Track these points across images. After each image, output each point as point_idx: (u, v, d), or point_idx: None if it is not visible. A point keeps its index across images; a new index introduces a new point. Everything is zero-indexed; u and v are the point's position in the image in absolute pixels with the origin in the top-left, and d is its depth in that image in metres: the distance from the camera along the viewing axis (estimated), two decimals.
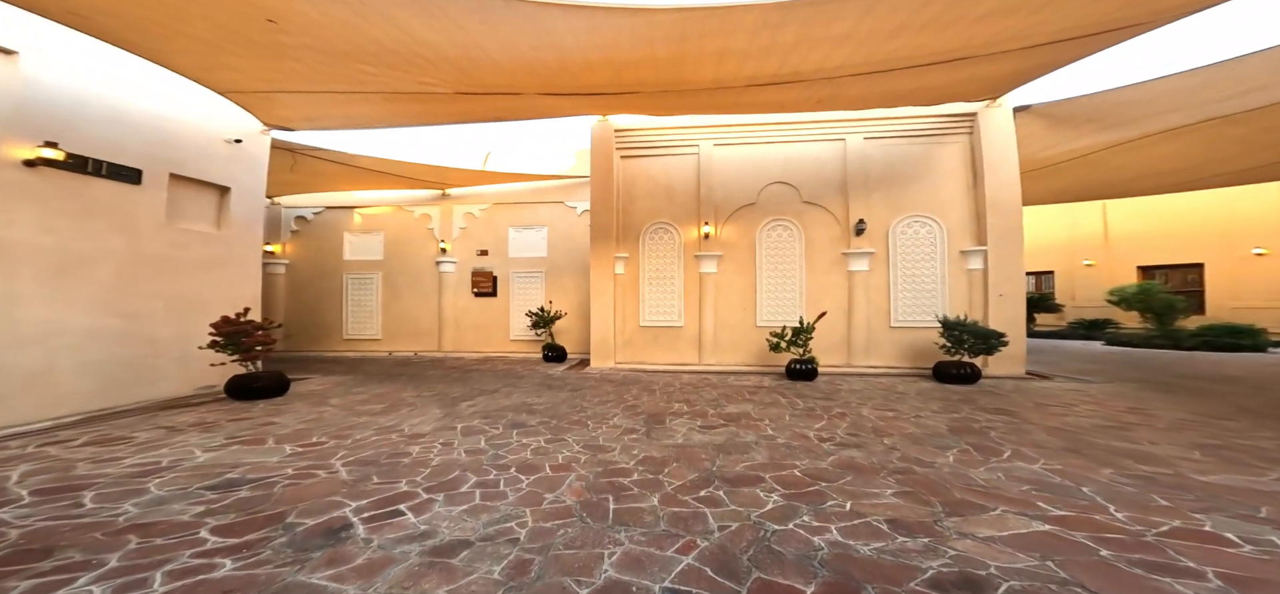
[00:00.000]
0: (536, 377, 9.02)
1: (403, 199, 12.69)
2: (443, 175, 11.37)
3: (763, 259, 9.87)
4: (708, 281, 10.05)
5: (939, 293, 8.93)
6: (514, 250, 12.66)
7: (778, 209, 9.88)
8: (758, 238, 9.92)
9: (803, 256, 9.66)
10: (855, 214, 9.33)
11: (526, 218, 12.62)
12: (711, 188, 10.11)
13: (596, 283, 10.18)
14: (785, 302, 9.74)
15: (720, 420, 5.56)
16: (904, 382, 7.97)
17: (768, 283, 9.83)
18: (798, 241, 9.71)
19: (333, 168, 10.20)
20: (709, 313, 10.02)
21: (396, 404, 6.38)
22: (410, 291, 12.75)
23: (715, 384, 8.10)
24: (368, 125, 8.11)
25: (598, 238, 10.19)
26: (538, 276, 12.54)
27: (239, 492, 3.35)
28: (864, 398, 6.71)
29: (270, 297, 12.66)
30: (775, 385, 7.89)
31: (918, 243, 9.11)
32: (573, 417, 5.76)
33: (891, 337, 9.14)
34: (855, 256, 9.31)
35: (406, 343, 12.72)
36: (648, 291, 10.38)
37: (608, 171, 10.25)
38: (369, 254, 12.79)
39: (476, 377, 9.02)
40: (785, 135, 9.90)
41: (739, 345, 9.96)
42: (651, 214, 10.40)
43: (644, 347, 10.38)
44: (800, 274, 9.66)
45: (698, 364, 9.98)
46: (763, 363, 9.66)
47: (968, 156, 9.06)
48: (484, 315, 12.68)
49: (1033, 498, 3.22)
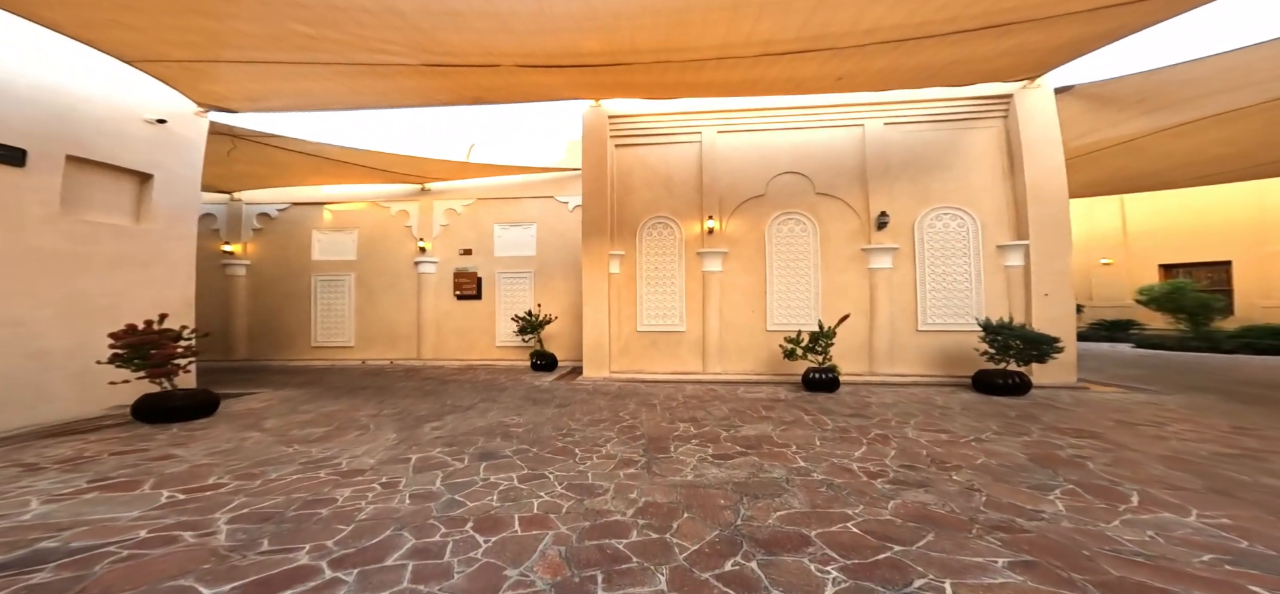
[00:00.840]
0: (521, 388, 7.99)
1: (378, 194, 11.65)
2: (421, 168, 10.36)
3: (773, 256, 8.90)
4: (712, 281, 9.07)
5: (973, 292, 7.97)
6: (500, 249, 11.64)
7: (789, 201, 8.92)
8: (767, 233, 8.95)
9: (818, 253, 8.70)
10: (876, 206, 8.38)
11: (514, 214, 11.61)
12: (715, 178, 9.14)
13: (589, 283, 9.18)
14: (799, 303, 8.76)
15: (736, 446, 4.55)
16: (940, 392, 6.99)
17: (779, 282, 8.86)
18: (812, 237, 8.75)
19: (298, 160, 9.17)
20: (714, 316, 9.03)
21: (345, 427, 5.33)
22: (386, 294, 11.69)
23: (723, 397, 7.09)
24: (324, 106, 7.08)
25: (590, 234, 9.20)
26: (526, 277, 11.52)
27: (35, 575, 2.30)
28: (902, 414, 5.72)
29: (229, 301, 11.58)
30: (793, 398, 6.89)
31: (948, 237, 8.16)
32: (557, 442, 4.73)
33: (919, 341, 8.18)
34: (877, 253, 8.35)
35: (382, 350, 11.65)
36: (646, 292, 9.38)
37: (601, 161, 9.27)
38: (340, 254, 11.72)
39: (453, 389, 7.97)
40: (796, 120, 8.96)
41: (747, 352, 8.97)
42: (649, 207, 9.42)
43: (642, 354, 9.37)
44: (815, 273, 8.69)
45: (702, 373, 8.97)
46: (775, 371, 8.67)
47: (1002, 142, 8.13)
48: (467, 320, 11.64)
49: (1237, 580, 2.22)
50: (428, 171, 10.79)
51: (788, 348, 7.59)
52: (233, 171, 9.45)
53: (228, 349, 11.49)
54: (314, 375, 9.57)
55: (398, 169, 10.29)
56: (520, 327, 10.28)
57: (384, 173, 10.55)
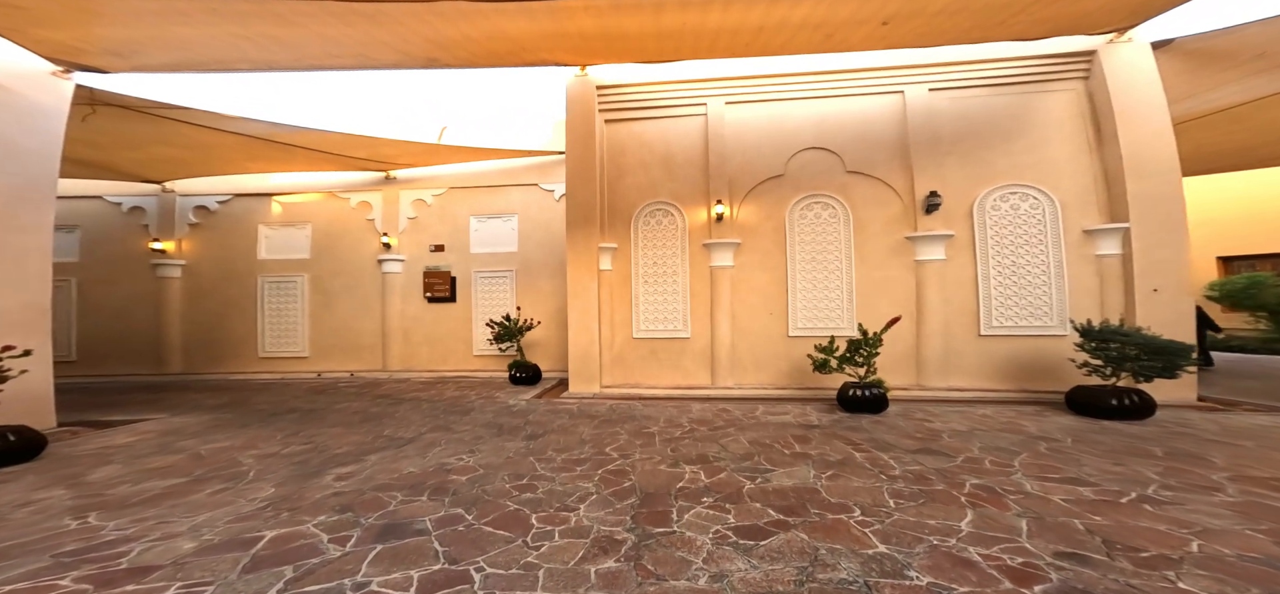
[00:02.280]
0: (490, 410, 6.47)
1: (335, 184, 10.19)
2: (382, 151, 8.90)
3: (795, 248, 7.39)
4: (721, 278, 7.56)
5: (1052, 288, 6.44)
6: (477, 244, 10.17)
7: (814, 182, 7.43)
8: (788, 220, 7.45)
9: (850, 243, 7.18)
10: (923, 187, 6.87)
11: (492, 204, 10.14)
12: (724, 157, 7.66)
13: (575, 281, 7.68)
14: (828, 303, 7.24)
15: (770, 509, 3.03)
16: (1023, 414, 5.45)
17: (804, 279, 7.34)
18: (843, 224, 7.24)
19: (224, 141, 7.70)
20: (724, 319, 7.52)
21: (206, 478, 3.81)
22: (346, 297, 10.20)
23: (740, 421, 5.57)
24: (219, 64, 5.60)
25: (576, 223, 7.71)
26: (506, 277, 10.04)
27: None
28: (992, 449, 4.18)
29: (162, 307, 10.10)
30: (829, 422, 5.36)
31: (1017, 222, 6.63)
32: (507, 504, 3.22)
33: (981, 348, 6.63)
34: (925, 242, 6.83)
35: (341, 361, 10.14)
36: (643, 292, 7.88)
37: (588, 138, 7.80)
38: (292, 251, 10.24)
39: (404, 411, 6.45)
40: (819, 88, 7.49)
41: (765, 362, 7.44)
42: (646, 192, 7.94)
43: (638, 364, 7.86)
44: (847, 267, 7.17)
45: (710, 388, 7.44)
46: (800, 385, 7.14)
47: (1084, 107, 6.62)
48: (440, 326, 10.14)
49: None
50: (391, 155, 9.34)
51: (818, 358, 6.07)
52: (150, 157, 8.00)
53: (160, 362, 10.00)
54: (245, 393, 8.06)
55: (353, 152, 8.84)
56: (496, 333, 8.78)
57: (340, 159, 9.10)
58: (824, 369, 6.05)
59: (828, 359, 6.02)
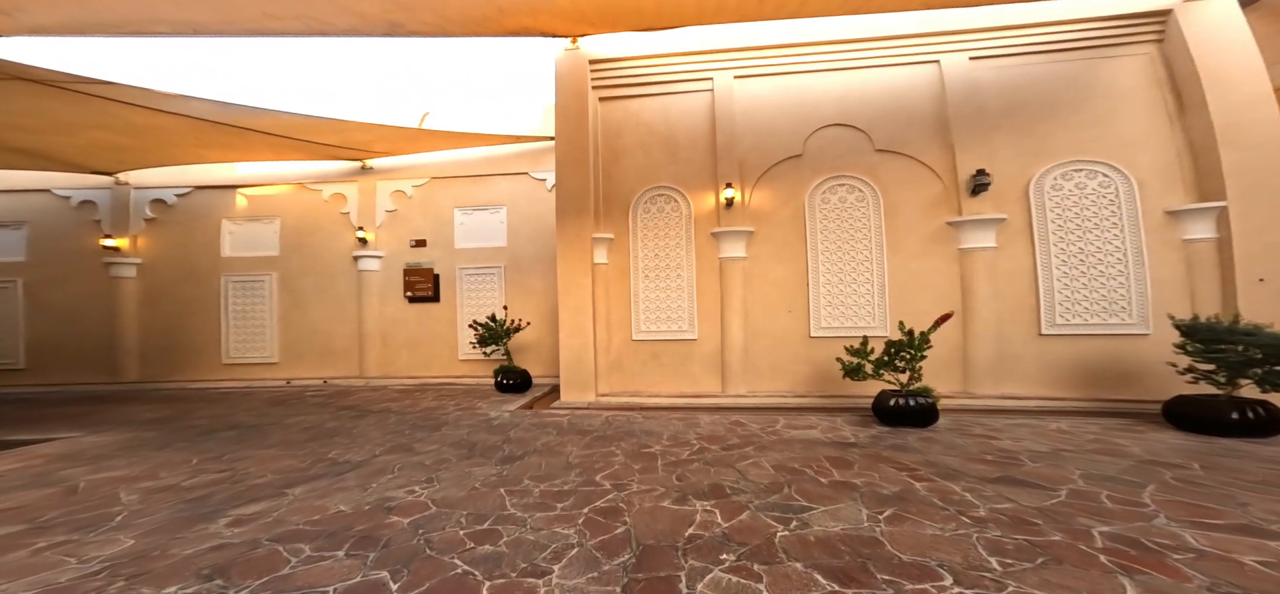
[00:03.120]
0: (466, 424, 5.56)
1: (306, 174, 9.33)
2: (356, 137, 8.03)
3: (817, 236, 6.49)
4: (732, 271, 6.66)
5: (1129, 279, 5.49)
6: (462, 239, 9.29)
7: (837, 162, 6.53)
8: (808, 205, 6.55)
9: (881, 231, 6.27)
10: (967, 165, 5.95)
11: (479, 195, 9.28)
12: (734, 136, 6.78)
13: (566, 277, 6.79)
14: (856, 299, 6.32)
15: (815, 570, 2.14)
16: (1109, 429, 4.50)
17: (827, 272, 6.42)
18: (872, 209, 6.33)
19: (168, 124, 6.83)
20: (735, 318, 6.60)
21: (55, 524, 2.91)
22: (318, 298, 9.31)
23: (759, 437, 4.65)
24: (126, 28, 4.69)
25: (567, 212, 6.84)
26: (494, 274, 9.15)
27: None
28: (1108, 481, 3.24)
29: (116, 309, 9.23)
30: (868, 440, 4.43)
31: (1084, 203, 5.69)
32: (455, 561, 2.31)
33: (1042, 350, 5.68)
34: (972, 227, 5.90)
35: (314, 367, 9.24)
36: (643, 288, 6.98)
37: (580, 117, 6.94)
38: (259, 248, 9.37)
39: (365, 427, 5.55)
40: (841, 58, 6.61)
41: (783, 367, 6.52)
42: (646, 176, 7.06)
43: (639, 370, 6.95)
44: (878, 257, 6.26)
45: (721, 396, 6.52)
46: (824, 393, 6.21)
47: (1160, 73, 5.69)
48: (422, 328, 9.25)
49: None
50: (366, 143, 8.48)
51: (850, 363, 5.14)
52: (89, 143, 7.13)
53: (115, 370, 9.12)
54: (193, 405, 7.16)
55: (323, 138, 7.97)
56: (479, 336, 7.86)
57: (309, 146, 8.23)
58: (856, 375, 5.11)
59: (861, 364, 5.09)
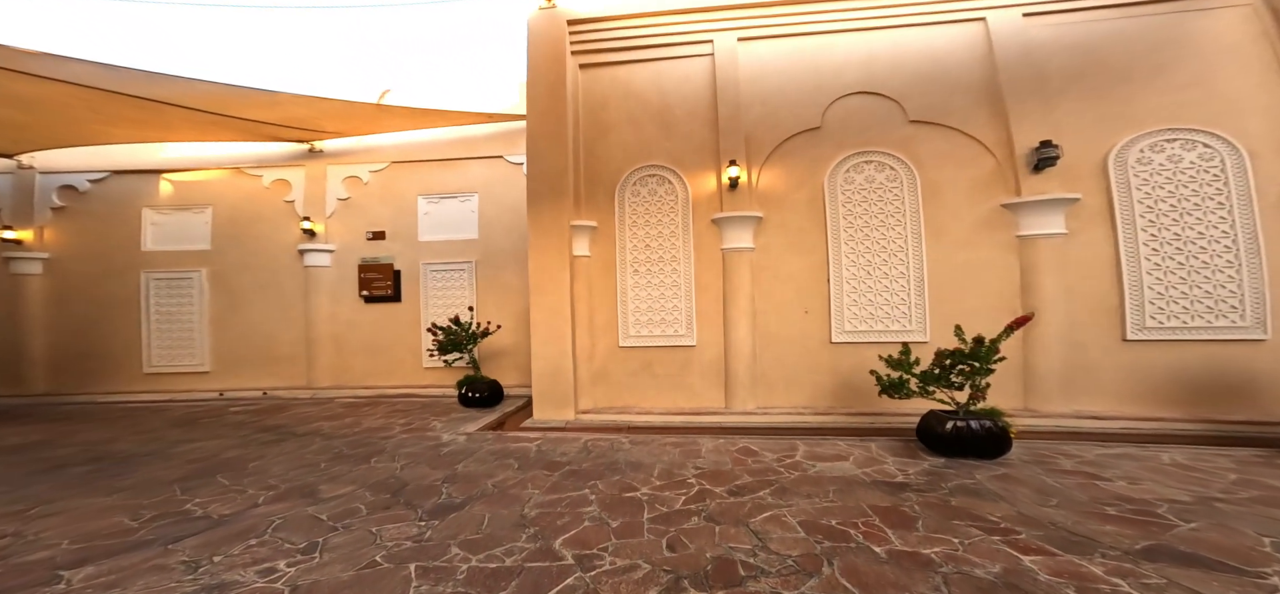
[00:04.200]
0: (406, 453, 4.43)
1: (244, 157, 8.12)
2: (299, 113, 6.86)
3: (840, 222, 5.44)
4: (738, 264, 5.60)
5: (1241, 271, 4.43)
6: (427, 231, 8.15)
7: (862, 136, 5.49)
8: (828, 186, 5.50)
9: (917, 215, 5.22)
10: (1026, 137, 4.90)
11: (446, 181, 8.15)
12: (738, 107, 5.73)
13: (540, 272, 5.71)
14: (887, 297, 5.27)
15: None
16: (1247, 463, 3.47)
17: (852, 264, 5.37)
18: (906, 190, 5.28)
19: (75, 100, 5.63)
20: (742, 320, 5.54)
21: None
22: (258, 297, 8.11)
23: (776, 471, 3.61)
24: None
25: (541, 195, 5.76)
26: (464, 270, 8.02)
27: None
28: None
29: (17, 310, 7.94)
30: (923, 477, 3.38)
31: (1180, 179, 4.62)
32: None
33: (1128, 359, 4.61)
34: (1035, 210, 4.82)
35: (253, 376, 8.04)
36: (632, 286, 5.90)
37: (556, 86, 5.87)
38: (187, 241, 8.14)
39: (274, 456, 4.40)
40: (865, 17, 5.58)
41: (800, 378, 5.45)
42: (635, 153, 6.00)
43: (627, 382, 5.88)
44: (915, 246, 5.21)
45: (725, 413, 5.44)
46: (850, 408, 5.15)
47: (1265, 24, 4.68)
48: (380, 331, 8.09)
49: None
50: (313, 121, 7.31)
51: (888, 377, 4.08)
52: None
53: (18, 380, 7.83)
54: (81, 424, 5.94)
55: (261, 115, 6.77)
56: (439, 342, 6.70)
57: (245, 125, 7.03)
58: (897, 392, 4.05)
59: (904, 378, 4.03)
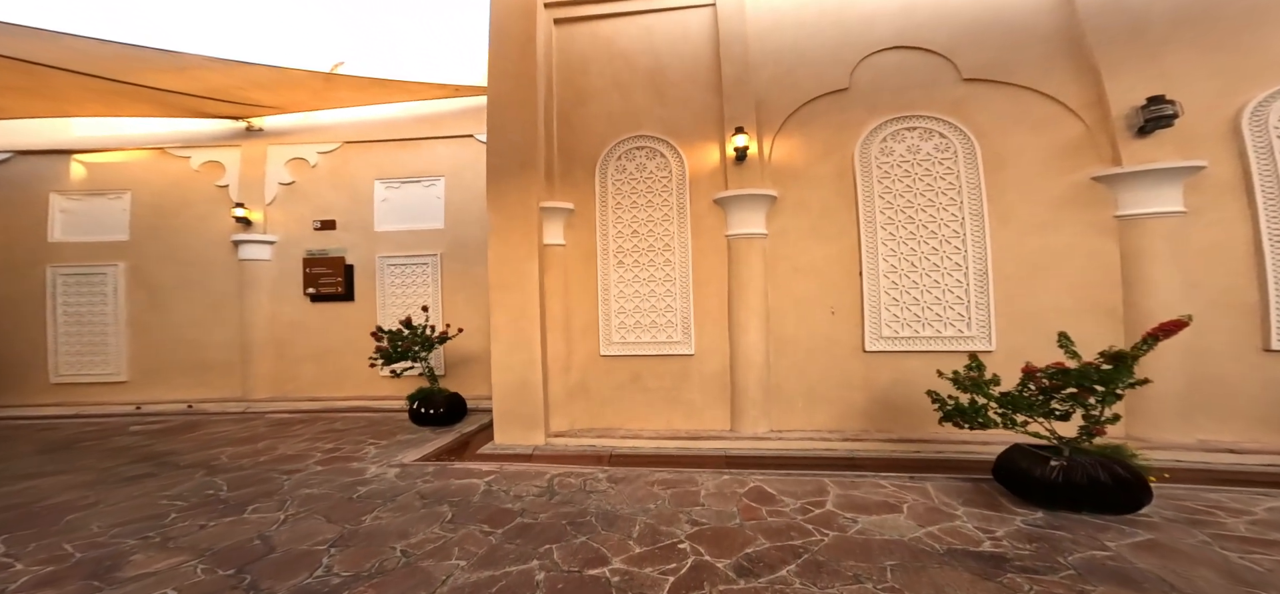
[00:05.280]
0: (300, 498, 3.33)
1: (169, 135, 7.03)
2: (218, 83, 5.79)
3: (875, 202, 4.37)
4: (747, 254, 4.53)
5: None
6: (385, 220, 7.08)
7: (902, 99, 4.43)
8: (859, 158, 4.43)
9: (978, 192, 4.13)
10: (1123, 91, 3.80)
11: (408, 163, 7.09)
12: (747, 66, 4.69)
13: (502, 264, 4.67)
14: (938, 292, 4.17)
15: None
16: None
17: (891, 252, 4.28)
18: (961, 162, 4.20)
19: None
20: (752, 321, 4.46)
21: None
22: (184, 296, 7.01)
23: (802, 534, 2.56)
24: None
25: (503, 171, 4.76)
26: (428, 264, 6.95)
27: None
28: None
29: None
30: (1031, 551, 2.30)
31: None
32: None
33: (1271, 373, 3.48)
34: (1140, 182, 3.68)
35: (179, 386, 6.92)
36: (617, 280, 4.84)
37: (525, 44, 4.87)
38: (101, 231, 7.01)
39: (143, 489, 3.31)
40: None
41: (825, 394, 4.36)
42: (621, 122, 4.96)
43: (611, 397, 4.82)
44: (974, 230, 4.12)
45: (730, 437, 4.34)
46: (892, 433, 4.05)
47: None
48: (329, 335, 6.98)
49: None
50: (249, 94, 6.25)
51: (956, 401, 2.99)
52: None
53: None
54: None
55: (164, 82, 5.68)
56: (384, 352, 5.58)
57: (157, 96, 5.95)
58: (970, 420, 2.94)
59: (981, 402, 2.94)
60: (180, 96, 6.03)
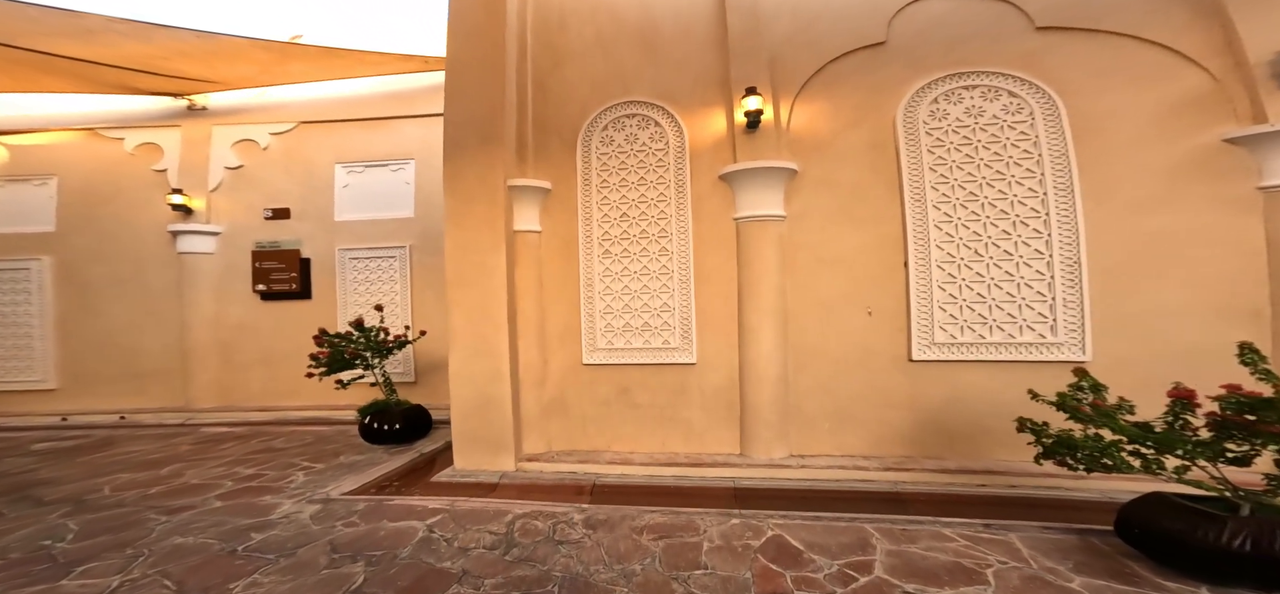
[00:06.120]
0: (183, 545, 2.51)
1: (101, 115, 6.25)
2: (138, 52, 5.01)
3: (925, 176, 3.53)
4: (760, 240, 3.72)
5: None
6: (346, 209, 6.29)
7: (956, 52, 3.60)
8: (902, 125, 3.60)
9: (1064, 162, 3.27)
10: (1265, 37, 2.96)
11: (373, 145, 6.31)
12: (758, 17, 3.88)
13: (461, 253, 3.87)
14: (1011, 288, 3.32)
15: None
16: None
17: (948, 236, 3.44)
18: (1039, 126, 3.35)
19: None
20: (766, 324, 3.64)
21: None
22: (118, 294, 6.24)
23: None
24: None
25: (463, 146, 3.98)
26: (395, 257, 6.17)
27: None
28: None
29: None
30: None
31: None
32: None
33: None
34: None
35: (114, 394, 6.14)
36: (603, 274, 4.03)
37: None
38: (24, 221, 6.21)
39: None
40: None
41: (858, 414, 3.53)
42: (608, 88, 4.17)
43: (594, 415, 4.03)
44: (1057, 210, 3.27)
45: (739, 463, 3.51)
46: (948, 462, 3.21)
47: None
48: (282, 337, 6.18)
49: None
50: (186, 67, 5.47)
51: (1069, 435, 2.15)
52: None
53: None
54: None
55: (92, 55, 4.91)
56: (322, 358, 4.75)
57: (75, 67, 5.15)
58: (1093, 459, 2.11)
59: (1108, 438, 2.10)
60: (100, 69, 5.24)
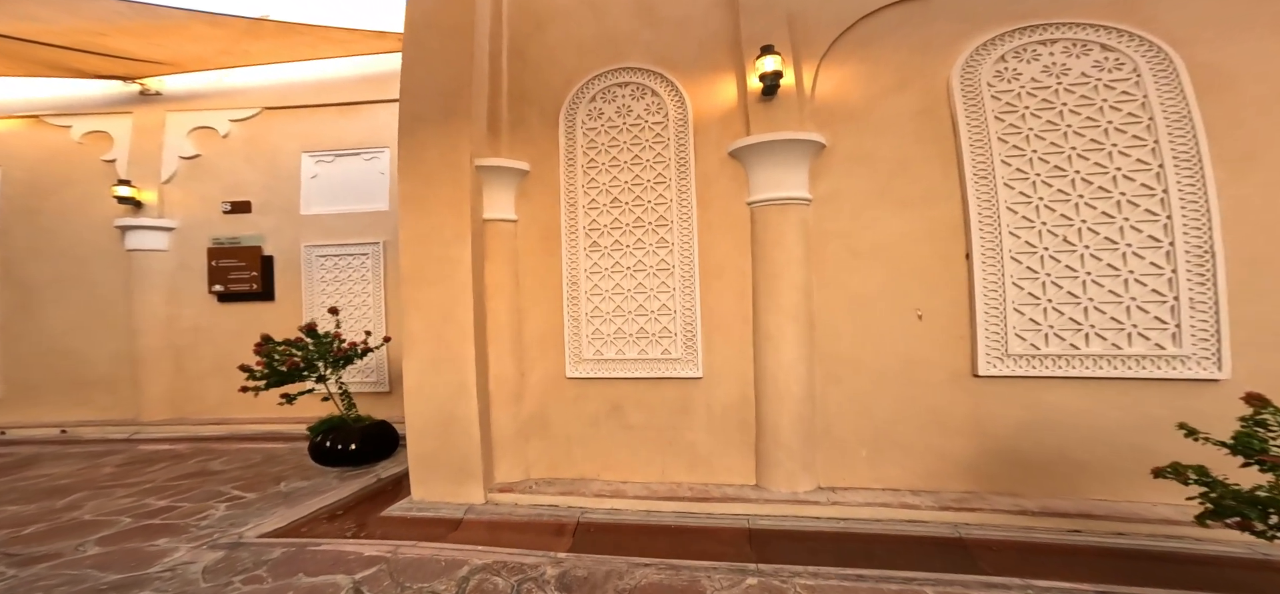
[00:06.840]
0: None
1: (43, 101, 5.69)
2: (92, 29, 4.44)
3: (992, 149, 2.85)
4: (779, 228, 3.05)
5: None
6: (313, 202, 5.70)
7: (1020, 5, 2.92)
8: (958, 89, 2.93)
9: (1189, 124, 2.56)
10: None
11: (344, 132, 5.72)
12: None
13: (418, 246, 3.22)
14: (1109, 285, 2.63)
15: None
16: None
17: (1023, 223, 2.76)
18: (1146, 83, 2.66)
19: None
20: (788, 329, 2.97)
21: None
22: (61, 296, 5.68)
23: None
24: None
25: (421, 120, 3.38)
26: (368, 254, 5.58)
27: None
28: None
29: None
30: None
31: None
32: None
33: None
34: None
35: (59, 404, 5.61)
36: (589, 270, 3.39)
37: None
38: None
39: None
40: None
41: (905, 439, 2.85)
42: (597, 53, 3.54)
43: (580, 437, 3.37)
44: (1180, 183, 2.58)
45: (754, 498, 2.83)
46: (1025, 503, 2.51)
47: None
48: (242, 344, 5.42)
49: None
50: (136, 47, 4.90)
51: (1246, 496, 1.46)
52: None
53: None
54: None
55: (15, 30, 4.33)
56: (259, 373, 4.13)
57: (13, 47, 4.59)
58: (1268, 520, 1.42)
59: None
60: (30, 46, 4.65)
